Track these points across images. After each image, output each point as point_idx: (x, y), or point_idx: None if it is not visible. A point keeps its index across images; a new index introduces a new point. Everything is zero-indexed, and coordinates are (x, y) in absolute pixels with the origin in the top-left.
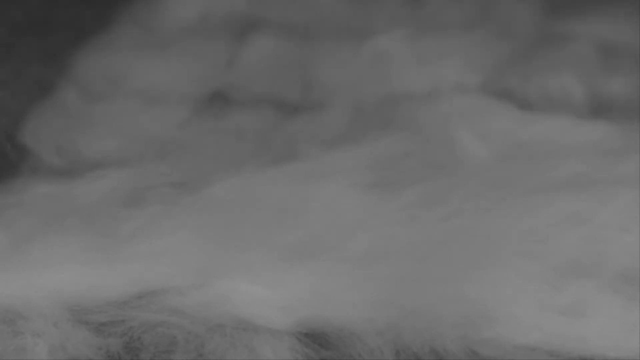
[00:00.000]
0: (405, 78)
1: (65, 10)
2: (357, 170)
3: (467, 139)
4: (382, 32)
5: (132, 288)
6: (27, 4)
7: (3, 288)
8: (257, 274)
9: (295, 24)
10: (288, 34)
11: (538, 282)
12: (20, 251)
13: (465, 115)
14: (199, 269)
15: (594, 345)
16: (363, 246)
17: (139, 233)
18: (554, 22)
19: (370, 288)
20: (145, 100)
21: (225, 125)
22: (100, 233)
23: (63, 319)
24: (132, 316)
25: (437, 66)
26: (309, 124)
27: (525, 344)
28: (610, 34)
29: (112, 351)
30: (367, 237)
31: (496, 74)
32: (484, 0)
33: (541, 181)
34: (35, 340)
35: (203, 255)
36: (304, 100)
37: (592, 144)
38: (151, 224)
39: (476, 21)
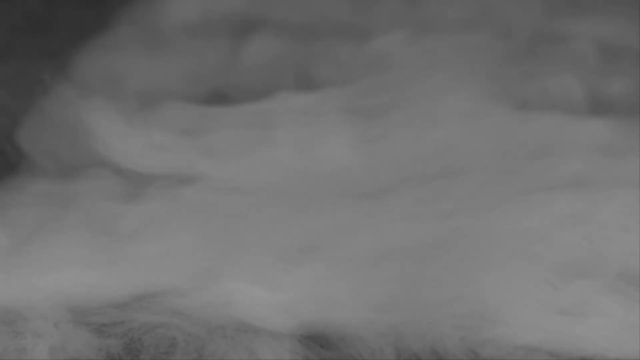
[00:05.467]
0: (405, 78)
1: (65, 10)
2: (357, 170)
3: (466, 139)
4: (382, 32)
5: (133, 289)
6: (27, 4)
7: (3, 289)
8: (258, 275)
9: (295, 24)
10: (288, 34)
11: (538, 282)
12: (20, 252)
13: (464, 115)
14: (200, 270)
15: (594, 346)
16: (364, 248)
17: (140, 234)
18: (554, 22)
19: (371, 290)
20: (145, 100)
21: None
22: (101, 232)
23: (63, 319)
24: (133, 317)
25: (436, 66)
26: None
27: (526, 344)
28: (610, 34)
29: (112, 352)
30: (367, 239)
31: (496, 74)
32: (484, 0)
33: (541, 181)
34: (36, 341)
35: (203, 256)
36: None
37: (592, 143)
38: (151, 226)
39: (476, 21)
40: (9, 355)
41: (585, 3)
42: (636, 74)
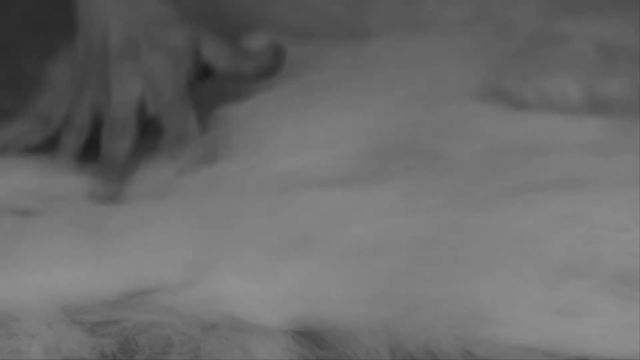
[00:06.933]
0: (404, 78)
1: (65, 10)
2: (350, 164)
3: (464, 138)
4: (382, 32)
5: (124, 287)
6: (27, 4)
7: None
8: (250, 270)
9: (295, 24)
10: (288, 34)
11: (534, 282)
12: (10, 251)
13: (463, 114)
14: (191, 266)
15: (591, 346)
16: (358, 243)
17: (130, 230)
18: (554, 22)
19: (365, 286)
20: None
21: None
22: (91, 229)
23: (57, 319)
24: (126, 316)
25: (435, 66)
26: None
27: (522, 344)
28: (610, 34)
29: (106, 351)
30: (362, 234)
31: (494, 74)
32: (483, 0)
33: (538, 180)
34: (30, 342)
35: (194, 252)
36: None
37: (590, 143)
38: (142, 222)
39: (475, 21)
40: (3, 357)
41: (585, 3)
42: (635, 74)
